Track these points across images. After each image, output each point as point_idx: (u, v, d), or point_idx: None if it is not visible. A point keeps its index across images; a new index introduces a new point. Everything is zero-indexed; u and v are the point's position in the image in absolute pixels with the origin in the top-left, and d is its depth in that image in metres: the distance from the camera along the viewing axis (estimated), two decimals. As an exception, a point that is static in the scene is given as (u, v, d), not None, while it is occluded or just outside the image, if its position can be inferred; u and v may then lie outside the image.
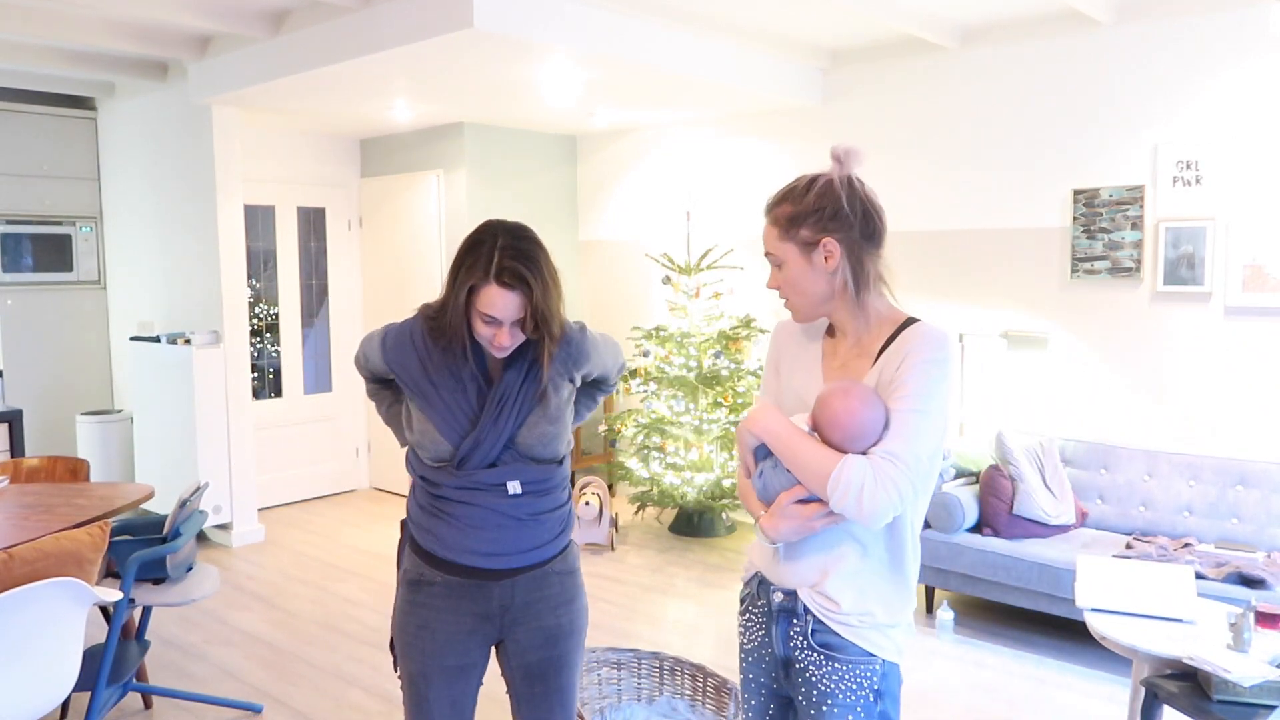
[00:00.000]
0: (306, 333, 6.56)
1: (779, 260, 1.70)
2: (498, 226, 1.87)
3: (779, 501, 1.61)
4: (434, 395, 1.92)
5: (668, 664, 3.09)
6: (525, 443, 1.92)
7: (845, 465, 1.52)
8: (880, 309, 1.70)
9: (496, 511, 1.92)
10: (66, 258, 6.11)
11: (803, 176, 1.71)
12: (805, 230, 1.65)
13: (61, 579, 2.39)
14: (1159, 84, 4.23)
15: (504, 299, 1.81)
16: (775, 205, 1.71)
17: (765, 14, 4.42)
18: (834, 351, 1.74)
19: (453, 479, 1.91)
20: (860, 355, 1.68)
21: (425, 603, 1.95)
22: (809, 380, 1.73)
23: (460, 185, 6.09)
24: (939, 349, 1.60)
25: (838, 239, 1.64)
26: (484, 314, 1.82)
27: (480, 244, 1.84)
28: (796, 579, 1.67)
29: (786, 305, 1.73)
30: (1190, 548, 3.81)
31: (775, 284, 1.72)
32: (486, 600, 1.94)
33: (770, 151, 5.62)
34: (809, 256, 1.66)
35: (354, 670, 3.81)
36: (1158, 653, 2.59)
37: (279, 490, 6.38)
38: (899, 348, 1.61)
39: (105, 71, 5.40)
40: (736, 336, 5.42)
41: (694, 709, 3.01)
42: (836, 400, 1.57)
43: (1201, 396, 4.20)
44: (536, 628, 1.97)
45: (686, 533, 5.59)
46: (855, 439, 1.55)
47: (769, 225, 1.70)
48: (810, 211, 1.66)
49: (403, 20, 3.93)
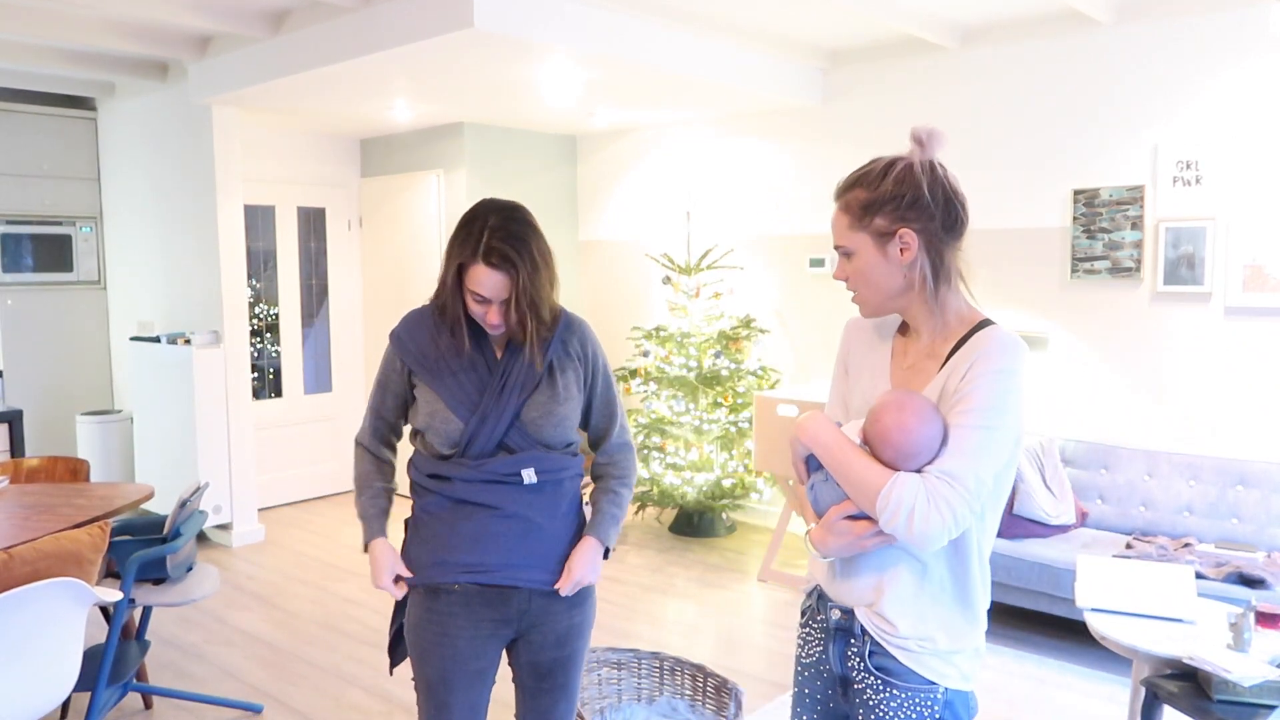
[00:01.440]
0: (306, 333, 6.56)
1: (849, 250, 1.56)
2: (490, 206, 1.89)
3: (828, 516, 1.52)
4: (444, 371, 1.94)
5: (668, 664, 3.09)
6: (532, 420, 1.92)
7: (896, 484, 1.41)
8: (959, 308, 1.57)
9: (516, 517, 1.92)
10: (66, 258, 6.11)
11: (879, 160, 1.57)
12: (880, 219, 1.51)
13: (61, 579, 2.39)
14: (1159, 84, 4.23)
15: (491, 278, 1.83)
16: (847, 190, 1.56)
17: (765, 14, 4.42)
18: (904, 351, 1.62)
19: (465, 470, 1.91)
20: (929, 357, 1.57)
21: (444, 610, 1.93)
22: (875, 382, 1.62)
23: (460, 185, 6.09)
24: (1009, 357, 1.46)
25: (916, 230, 1.51)
26: (473, 292, 1.85)
27: (472, 222, 1.87)
28: (853, 597, 1.57)
29: (855, 299, 1.60)
30: (1190, 548, 3.81)
31: (843, 275, 1.59)
32: (505, 606, 1.95)
33: (770, 151, 5.62)
34: (883, 248, 1.53)
35: (354, 670, 3.81)
36: (1158, 653, 2.59)
37: (279, 490, 6.38)
38: (966, 354, 1.49)
39: (105, 71, 5.40)
40: (736, 336, 5.42)
41: (694, 709, 3.01)
42: (889, 414, 1.46)
43: (1201, 396, 4.20)
44: (551, 629, 1.98)
45: (686, 533, 5.59)
46: (909, 457, 1.44)
47: (839, 212, 1.57)
48: (887, 199, 1.51)
49: (403, 20, 3.93)
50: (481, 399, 1.92)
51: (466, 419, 1.90)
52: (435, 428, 1.92)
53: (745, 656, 3.93)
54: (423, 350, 1.96)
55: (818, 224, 5.43)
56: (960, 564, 1.52)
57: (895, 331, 1.66)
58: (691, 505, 5.41)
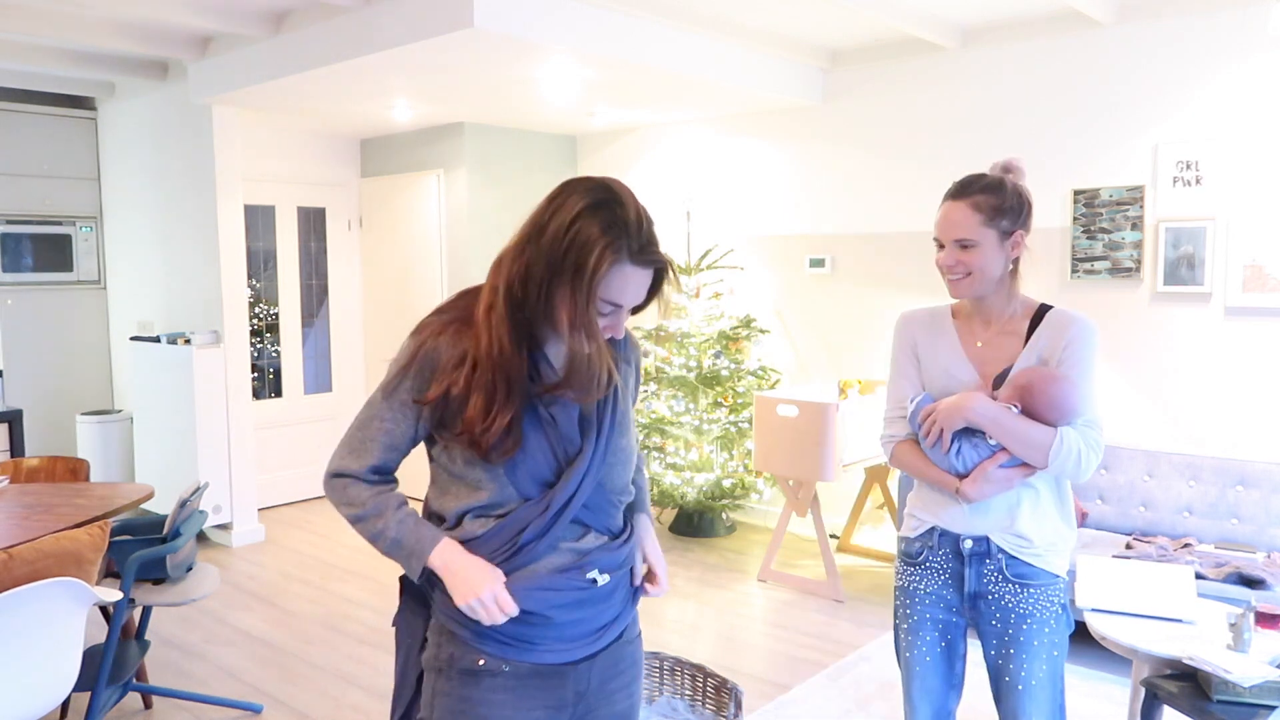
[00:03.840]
0: (306, 333, 6.56)
1: (973, 242, 1.95)
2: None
3: (982, 469, 1.94)
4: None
5: (667, 664, 3.08)
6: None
7: (1064, 437, 1.89)
8: (1022, 295, 2.04)
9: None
10: (66, 258, 6.11)
11: (991, 175, 2.00)
12: (1007, 221, 1.95)
13: (61, 579, 2.39)
14: (1159, 84, 4.23)
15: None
16: (976, 193, 1.96)
17: (765, 14, 4.42)
18: (969, 331, 2.06)
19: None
20: (1003, 334, 2.02)
21: (485, 699, 1.51)
22: (953, 360, 2.04)
23: (460, 185, 6.09)
24: (1095, 332, 1.97)
25: (1023, 232, 1.98)
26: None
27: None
28: (987, 525, 2.00)
29: (961, 282, 1.99)
30: (1190, 548, 3.81)
31: (956, 260, 1.97)
32: (561, 689, 1.56)
33: (770, 151, 5.62)
34: (1002, 244, 1.96)
35: (354, 670, 3.81)
36: (1158, 653, 2.59)
37: (279, 490, 6.38)
38: (1058, 331, 1.96)
39: (105, 71, 5.40)
40: (736, 336, 5.42)
41: (694, 709, 3.01)
42: (1053, 387, 1.90)
43: (1201, 396, 4.20)
44: (610, 713, 1.64)
45: (686, 533, 5.59)
46: (1068, 415, 1.90)
47: (970, 210, 1.95)
48: (1011, 207, 1.96)
49: (403, 20, 3.93)
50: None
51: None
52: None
53: (745, 656, 3.93)
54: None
55: (818, 224, 5.42)
56: (1058, 486, 2.03)
57: (949, 319, 2.09)
58: (691, 505, 5.40)
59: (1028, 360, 1.97)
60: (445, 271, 6.18)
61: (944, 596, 2.07)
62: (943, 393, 2.02)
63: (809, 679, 3.70)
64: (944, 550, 2.06)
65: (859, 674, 3.74)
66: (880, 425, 2.20)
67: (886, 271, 5.17)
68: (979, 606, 2.04)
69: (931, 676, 2.11)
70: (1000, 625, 2.01)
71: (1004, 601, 2.00)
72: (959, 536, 2.03)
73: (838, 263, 5.37)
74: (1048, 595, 2.00)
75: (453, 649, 1.53)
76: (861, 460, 4.76)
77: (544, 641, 1.53)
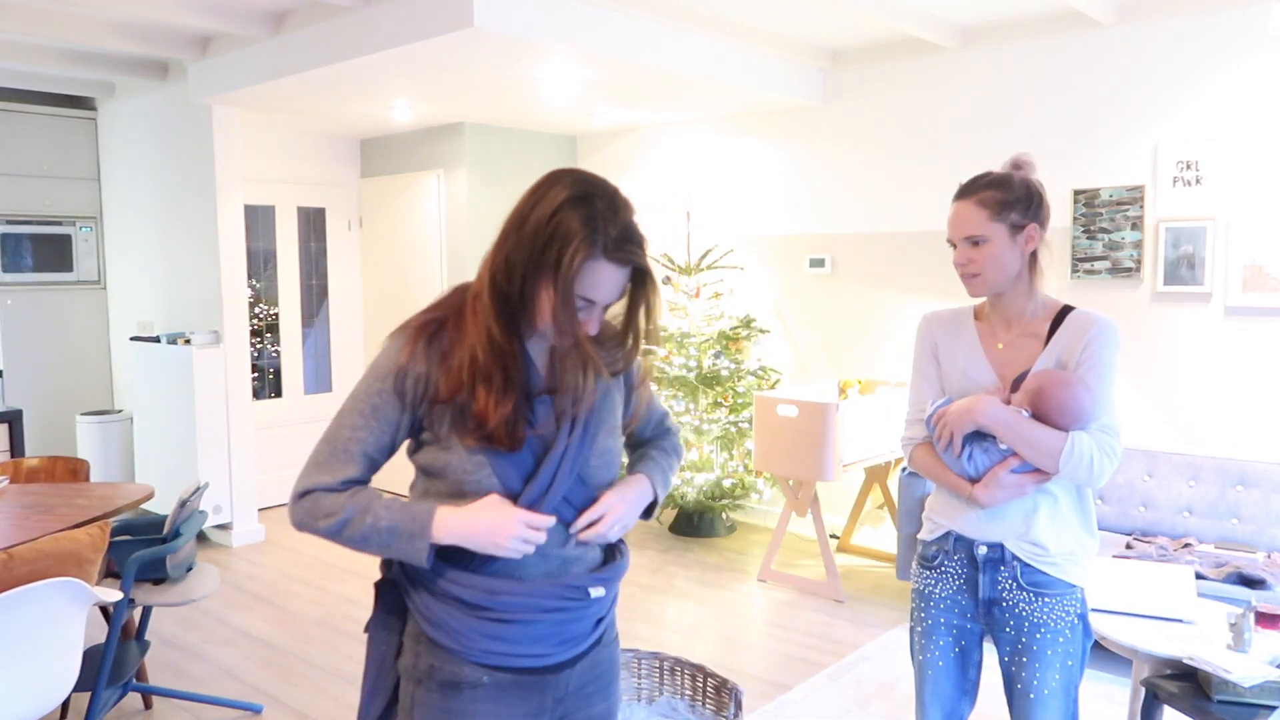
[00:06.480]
0: (306, 333, 6.56)
1: (983, 238, 1.92)
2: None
3: (994, 474, 1.91)
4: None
5: (668, 664, 3.08)
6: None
7: (1076, 442, 1.84)
8: (1043, 295, 1.99)
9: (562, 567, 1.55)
10: (66, 258, 6.11)
11: (999, 172, 1.97)
12: (1015, 214, 1.91)
13: (61, 579, 2.39)
14: (1159, 84, 4.23)
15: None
16: (982, 189, 1.94)
17: (765, 14, 4.42)
18: (990, 333, 2.02)
19: None
20: (1024, 335, 1.97)
21: (465, 710, 1.49)
22: (972, 361, 2.01)
23: (461, 185, 6.09)
24: (1117, 334, 1.91)
25: (1036, 226, 1.93)
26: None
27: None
28: (1002, 532, 1.96)
29: (974, 280, 1.96)
30: (1190, 548, 3.81)
31: (967, 258, 1.94)
32: (541, 696, 1.55)
33: (770, 151, 5.62)
34: (1014, 238, 1.92)
35: (354, 670, 3.81)
36: (1158, 653, 2.59)
37: (279, 490, 6.37)
38: (1078, 332, 1.91)
39: (105, 71, 5.40)
40: (736, 337, 5.42)
41: (694, 709, 3.01)
42: (1064, 391, 1.86)
43: (1201, 396, 4.20)
44: (587, 715, 1.63)
45: (686, 533, 5.59)
46: (1080, 419, 1.85)
47: (976, 206, 1.93)
48: (1020, 200, 1.92)
49: (403, 20, 3.93)
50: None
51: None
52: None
53: (745, 656, 3.93)
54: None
55: (818, 224, 5.42)
56: (1079, 494, 1.98)
57: (971, 320, 2.05)
58: (691, 505, 5.40)
59: (1046, 363, 1.93)
60: (445, 271, 6.18)
61: (959, 602, 2.05)
62: (961, 395, 1.99)
63: (809, 679, 3.70)
64: (959, 555, 2.05)
65: (859, 674, 3.74)
66: (901, 427, 2.20)
67: (887, 271, 5.17)
68: (993, 613, 2.02)
69: (944, 681, 2.10)
70: (1014, 633, 1.99)
71: (1018, 609, 1.97)
72: (974, 542, 2.01)
73: (838, 263, 5.37)
74: (1064, 605, 1.96)
75: (432, 660, 1.50)
76: (861, 460, 4.76)
77: (523, 643, 1.50)
